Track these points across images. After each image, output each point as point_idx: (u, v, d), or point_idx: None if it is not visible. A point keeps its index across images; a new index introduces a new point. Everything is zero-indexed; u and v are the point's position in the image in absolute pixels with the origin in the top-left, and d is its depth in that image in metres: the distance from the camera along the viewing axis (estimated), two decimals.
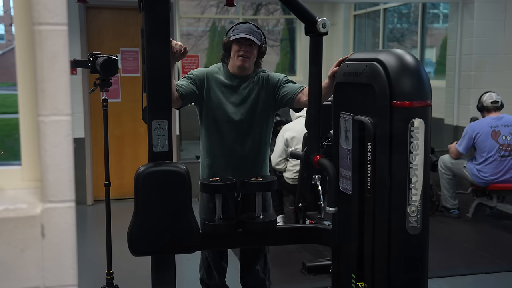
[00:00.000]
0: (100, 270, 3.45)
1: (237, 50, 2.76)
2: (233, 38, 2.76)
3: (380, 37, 8.65)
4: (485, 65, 6.32)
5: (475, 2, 6.21)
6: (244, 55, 2.76)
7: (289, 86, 2.84)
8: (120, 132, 6.02)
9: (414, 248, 1.93)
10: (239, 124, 2.82)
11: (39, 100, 1.06)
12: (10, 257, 1.05)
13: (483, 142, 5.03)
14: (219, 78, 2.84)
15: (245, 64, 2.78)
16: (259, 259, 3.03)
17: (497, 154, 4.99)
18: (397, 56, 1.92)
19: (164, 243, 2.19)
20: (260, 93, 2.85)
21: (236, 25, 2.85)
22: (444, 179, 5.39)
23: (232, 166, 2.83)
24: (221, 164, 2.85)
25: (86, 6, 5.73)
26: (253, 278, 3.06)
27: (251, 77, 2.86)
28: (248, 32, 2.75)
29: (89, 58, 3.15)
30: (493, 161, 4.99)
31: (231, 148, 2.83)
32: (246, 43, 2.75)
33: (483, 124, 5.13)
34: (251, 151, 2.85)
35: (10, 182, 1.16)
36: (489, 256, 4.31)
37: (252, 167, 2.86)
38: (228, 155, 2.84)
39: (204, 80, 2.82)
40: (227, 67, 2.87)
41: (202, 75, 2.83)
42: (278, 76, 2.90)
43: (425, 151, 1.86)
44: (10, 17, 13.11)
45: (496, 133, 5.03)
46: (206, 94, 2.82)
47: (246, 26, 2.79)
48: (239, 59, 2.76)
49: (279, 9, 9.88)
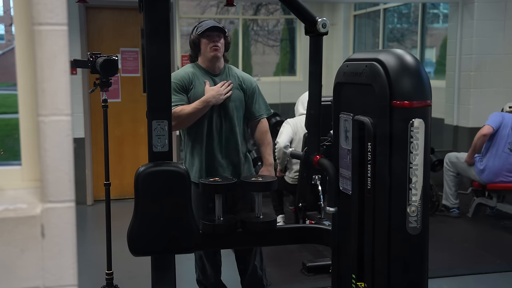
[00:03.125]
0: (100, 270, 3.45)
1: (208, 43, 2.90)
2: (201, 31, 2.90)
3: (380, 37, 8.65)
4: (485, 65, 6.32)
5: (475, 2, 6.21)
6: (215, 46, 2.90)
7: (256, 105, 3.04)
8: (120, 132, 6.02)
9: (414, 248, 1.93)
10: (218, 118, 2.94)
11: (39, 100, 1.06)
12: (10, 257, 1.05)
13: (503, 128, 5.04)
14: (197, 75, 2.95)
15: (218, 53, 2.92)
16: (255, 255, 3.06)
17: (506, 147, 5.00)
18: (397, 56, 1.92)
19: (164, 243, 2.19)
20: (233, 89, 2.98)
21: (198, 24, 2.98)
22: (448, 176, 5.40)
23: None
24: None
25: (86, 6, 5.73)
26: (251, 275, 3.08)
27: (224, 72, 3.00)
28: (213, 24, 2.91)
29: (89, 58, 3.15)
30: (502, 153, 5.00)
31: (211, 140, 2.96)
32: (214, 34, 2.91)
33: (509, 116, 5.13)
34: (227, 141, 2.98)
35: (10, 182, 1.16)
36: (489, 256, 4.31)
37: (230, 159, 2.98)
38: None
39: (189, 82, 2.93)
40: (199, 65, 2.99)
41: (185, 78, 2.93)
42: (251, 82, 3.05)
43: (425, 151, 1.86)
44: (10, 17, 13.11)
45: None
46: (190, 92, 2.93)
47: (209, 21, 2.95)
48: (212, 49, 2.90)
49: (279, 9, 9.87)
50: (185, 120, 2.87)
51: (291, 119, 4.63)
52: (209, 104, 2.84)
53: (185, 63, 6.46)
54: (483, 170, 5.08)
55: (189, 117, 2.85)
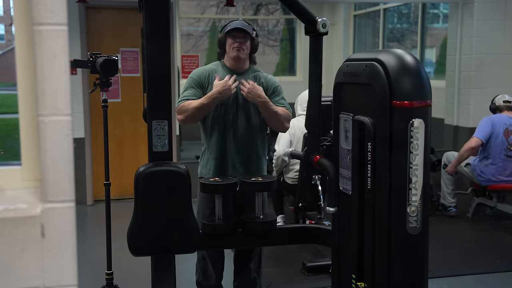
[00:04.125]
0: (100, 270, 3.45)
1: (232, 43, 2.90)
2: (227, 30, 2.91)
3: (380, 37, 8.65)
4: (485, 65, 6.31)
5: (475, 2, 6.21)
6: (239, 46, 2.88)
7: (277, 98, 2.98)
8: (120, 132, 6.02)
9: (414, 248, 1.93)
10: (235, 118, 2.91)
11: (39, 100, 1.05)
12: (10, 257, 1.05)
13: (495, 138, 5.00)
14: (218, 73, 2.92)
15: (240, 54, 2.90)
16: (253, 257, 3.05)
17: (503, 153, 4.97)
18: (397, 56, 1.92)
19: (164, 243, 2.19)
20: None
21: (228, 23, 2.97)
22: (445, 175, 5.38)
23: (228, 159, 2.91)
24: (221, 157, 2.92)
25: (86, 6, 5.73)
26: (244, 277, 3.08)
27: (248, 72, 2.97)
28: (241, 25, 2.90)
29: (89, 58, 3.15)
30: (499, 160, 4.97)
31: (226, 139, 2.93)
32: (240, 35, 2.89)
33: (499, 119, 5.07)
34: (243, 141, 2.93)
35: (10, 182, 1.16)
36: (489, 256, 4.31)
37: (247, 159, 2.94)
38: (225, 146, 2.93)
39: (206, 79, 2.92)
40: (224, 63, 2.98)
41: (203, 75, 2.94)
42: (274, 82, 3.03)
43: (425, 151, 1.86)
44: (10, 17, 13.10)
45: (509, 132, 5.01)
46: (207, 89, 2.90)
47: (238, 22, 2.94)
48: (234, 50, 2.89)
49: (279, 9, 9.87)
50: (192, 114, 2.83)
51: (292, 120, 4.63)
52: (215, 99, 2.78)
53: (185, 63, 6.46)
54: (481, 175, 5.07)
55: (196, 111, 2.82)
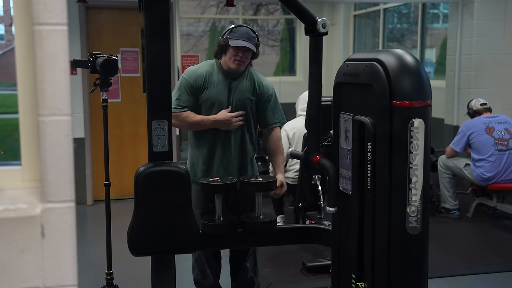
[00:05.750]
0: (100, 270, 3.45)
1: (234, 55, 2.88)
2: (232, 44, 2.85)
3: (380, 37, 8.65)
4: (485, 65, 6.31)
5: (475, 2, 6.21)
6: (241, 60, 2.88)
7: (270, 112, 3.01)
8: (120, 132, 6.02)
9: (414, 248, 1.93)
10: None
11: (39, 100, 1.05)
12: (10, 257, 1.05)
13: (478, 137, 5.04)
14: (214, 76, 2.95)
15: (240, 68, 2.92)
16: (248, 257, 3.06)
17: (493, 149, 4.97)
18: (397, 56, 1.92)
19: (164, 243, 2.19)
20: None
21: (234, 27, 2.92)
22: (444, 178, 5.37)
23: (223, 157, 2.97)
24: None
25: (86, 6, 5.73)
26: (242, 277, 3.08)
27: (243, 75, 2.99)
28: (246, 38, 2.85)
29: (89, 58, 3.15)
30: (492, 156, 4.97)
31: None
32: (243, 49, 2.87)
33: (477, 122, 5.15)
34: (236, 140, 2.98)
35: (10, 182, 1.15)
36: (489, 256, 4.31)
37: (239, 158, 2.99)
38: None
39: (202, 83, 2.93)
40: (220, 65, 2.97)
41: (199, 78, 2.93)
42: (268, 90, 3.01)
43: (425, 151, 1.86)
44: (10, 17, 13.10)
45: (490, 128, 5.03)
46: (203, 93, 2.94)
47: (244, 31, 2.88)
48: (235, 63, 2.89)
49: (279, 9, 9.87)
50: (187, 126, 2.99)
51: (287, 123, 4.66)
52: (213, 125, 2.90)
53: (185, 63, 6.45)
54: (480, 176, 5.06)
55: (192, 126, 2.96)
